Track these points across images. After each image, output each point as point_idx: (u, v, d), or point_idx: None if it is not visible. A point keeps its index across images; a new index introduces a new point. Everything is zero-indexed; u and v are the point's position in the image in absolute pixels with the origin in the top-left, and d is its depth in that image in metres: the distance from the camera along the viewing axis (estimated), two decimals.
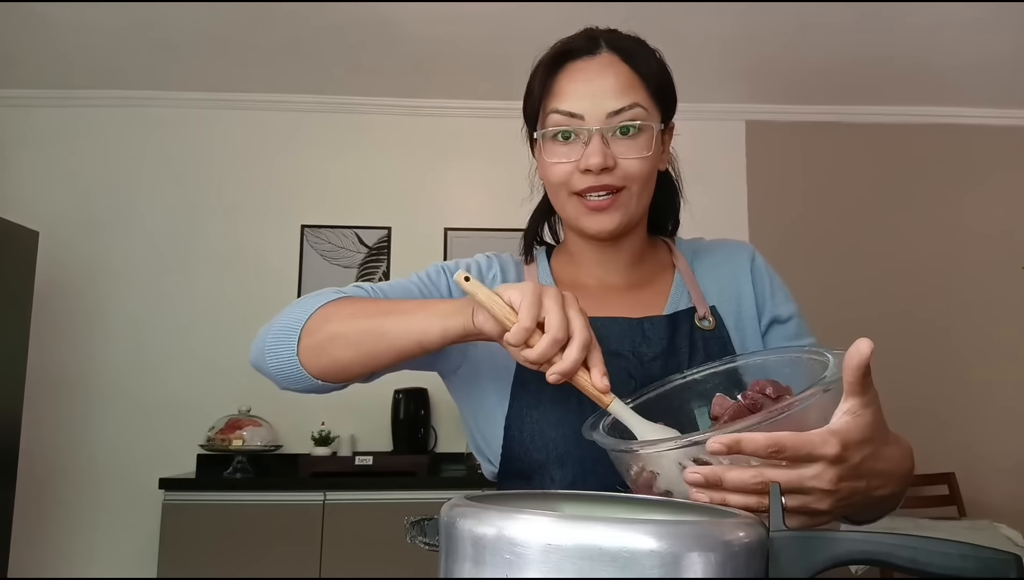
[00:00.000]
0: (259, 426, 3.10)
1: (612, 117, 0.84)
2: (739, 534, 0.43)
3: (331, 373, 0.81)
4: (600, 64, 0.86)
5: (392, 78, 3.39)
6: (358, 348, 0.79)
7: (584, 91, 0.85)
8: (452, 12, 2.81)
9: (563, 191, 0.88)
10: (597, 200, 0.86)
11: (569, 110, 0.85)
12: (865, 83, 3.42)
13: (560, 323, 0.67)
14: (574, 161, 0.85)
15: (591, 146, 0.84)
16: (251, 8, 2.78)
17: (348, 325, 0.79)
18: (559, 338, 0.67)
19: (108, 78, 3.37)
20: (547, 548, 0.40)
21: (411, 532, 0.58)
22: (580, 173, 0.85)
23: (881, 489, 0.63)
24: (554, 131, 0.86)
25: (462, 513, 0.45)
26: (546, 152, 0.88)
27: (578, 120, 0.85)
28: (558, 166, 0.87)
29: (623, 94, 0.85)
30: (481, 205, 3.49)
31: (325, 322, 0.81)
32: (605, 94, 0.85)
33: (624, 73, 0.86)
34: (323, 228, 3.53)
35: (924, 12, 2.81)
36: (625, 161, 0.85)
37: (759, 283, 0.96)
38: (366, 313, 0.80)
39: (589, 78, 0.86)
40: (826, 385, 0.61)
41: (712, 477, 0.57)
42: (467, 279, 0.71)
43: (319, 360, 0.81)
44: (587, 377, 0.70)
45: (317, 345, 0.80)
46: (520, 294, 0.69)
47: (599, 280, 0.96)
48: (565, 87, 0.86)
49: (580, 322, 0.68)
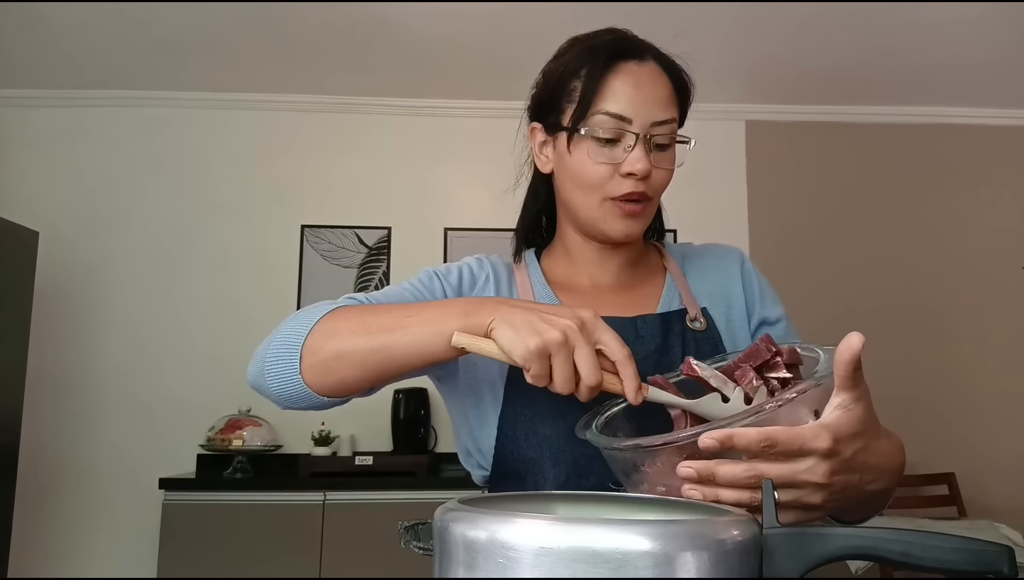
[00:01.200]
0: (259, 426, 3.11)
1: (656, 127, 0.85)
2: (732, 532, 0.43)
3: (338, 391, 0.79)
4: (651, 72, 0.86)
5: (392, 78, 3.39)
6: (365, 367, 0.76)
7: (635, 96, 0.84)
8: (453, 12, 2.81)
9: (597, 193, 0.87)
10: (632, 206, 0.86)
11: (620, 113, 0.84)
12: (865, 83, 3.42)
13: (566, 379, 0.68)
14: (615, 163, 0.85)
15: (636, 151, 0.83)
16: (251, 8, 2.79)
17: (352, 343, 0.76)
18: (566, 392, 0.69)
19: (108, 78, 3.38)
20: (539, 551, 0.40)
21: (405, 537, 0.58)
22: (620, 177, 0.85)
23: (873, 483, 0.63)
24: (600, 131, 0.85)
25: (455, 517, 0.45)
26: (587, 151, 0.86)
27: (625, 123, 0.84)
28: (599, 167, 0.85)
29: (668, 107, 0.86)
30: (481, 205, 3.49)
31: (327, 339, 0.77)
32: (655, 103, 0.85)
33: (668, 86, 0.87)
34: (323, 228, 3.53)
35: (924, 12, 2.81)
36: (658, 171, 0.86)
37: (748, 286, 0.97)
38: (369, 329, 0.76)
39: (640, 84, 0.85)
40: (817, 380, 0.61)
41: (704, 472, 0.57)
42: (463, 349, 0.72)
43: (325, 380, 0.77)
44: (620, 386, 0.70)
45: (322, 364, 0.77)
46: (525, 359, 0.67)
47: (593, 280, 0.96)
48: (617, 88, 0.85)
49: (587, 368, 0.67)
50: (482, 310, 0.71)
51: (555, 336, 0.67)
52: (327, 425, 3.23)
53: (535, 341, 0.66)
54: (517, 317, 0.69)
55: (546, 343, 0.67)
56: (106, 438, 3.30)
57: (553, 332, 0.67)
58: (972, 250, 3.63)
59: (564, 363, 0.67)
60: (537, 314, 0.69)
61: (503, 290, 0.96)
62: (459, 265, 0.98)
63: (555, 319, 0.68)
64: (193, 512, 2.80)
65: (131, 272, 3.42)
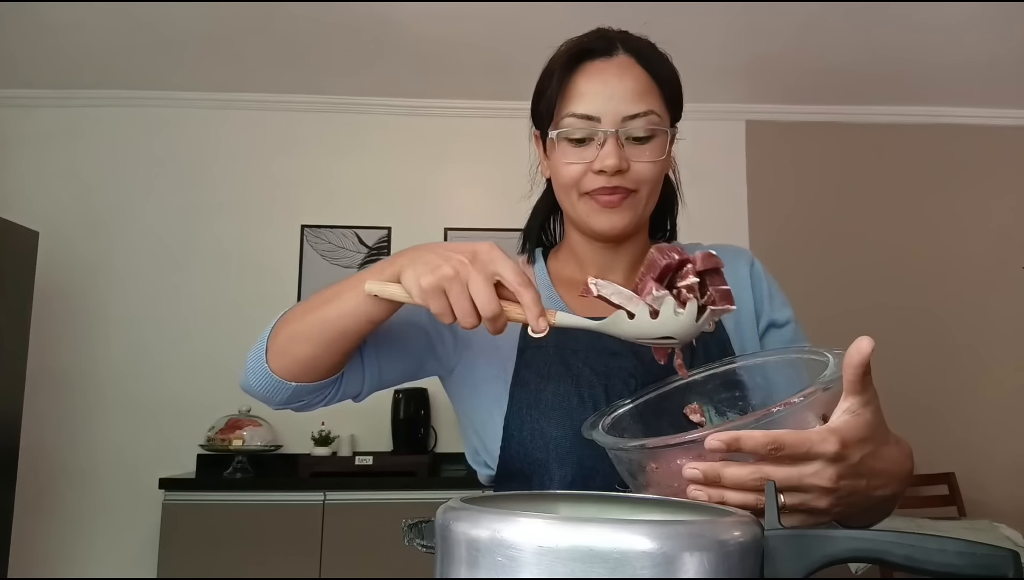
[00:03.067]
0: (259, 426, 3.11)
1: (628, 121, 0.84)
2: (734, 533, 0.43)
3: (299, 372, 0.82)
4: (618, 66, 0.86)
5: (392, 78, 3.39)
6: (312, 340, 0.80)
7: (601, 93, 0.85)
8: (452, 12, 2.81)
9: (574, 192, 0.88)
10: (608, 197, 0.86)
11: (586, 113, 0.85)
12: (865, 83, 3.42)
13: (466, 312, 0.68)
14: (587, 162, 0.85)
15: (606, 148, 0.84)
16: (251, 8, 2.79)
17: (299, 321, 0.81)
18: (472, 325, 0.69)
19: (108, 78, 3.37)
20: (540, 550, 0.40)
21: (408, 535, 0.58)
22: (593, 174, 0.85)
23: (881, 489, 0.63)
24: (570, 133, 0.86)
25: (456, 516, 0.45)
26: (560, 152, 0.87)
27: (594, 122, 0.85)
28: (571, 167, 0.86)
29: (640, 99, 0.85)
30: (481, 205, 3.49)
31: (283, 325, 0.83)
32: (623, 97, 0.84)
33: (641, 77, 0.86)
34: (323, 228, 3.53)
35: (924, 12, 2.80)
36: (638, 165, 0.85)
37: (757, 288, 0.97)
38: (311, 306, 0.81)
39: (606, 80, 0.85)
40: (826, 383, 0.60)
41: (710, 473, 0.57)
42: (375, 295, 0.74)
43: (283, 361, 0.82)
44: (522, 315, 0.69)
45: (280, 348, 0.82)
46: (421, 295, 0.69)
47: None
48: (582, 88, 0.86)
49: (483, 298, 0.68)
50: (397, 259, 0.73)
51: (447, 271, 0.68)
52: (327, 425, 3.23)
53: (428, 278, 0.68)
54: (419, 257, 0.71)
55: (439, 279, 0.68)
56: (106, 438, 3.30)
57: (445, 267, 0.68)
58: (972, 250, 3.63)
59: (459, 296, 0.68)
60: (435, 253, 0.70)
61: None
62: None
63: (450, 255, 0.69)
64: (193, 512, 2.80)
65: (131, 272, 3.42)
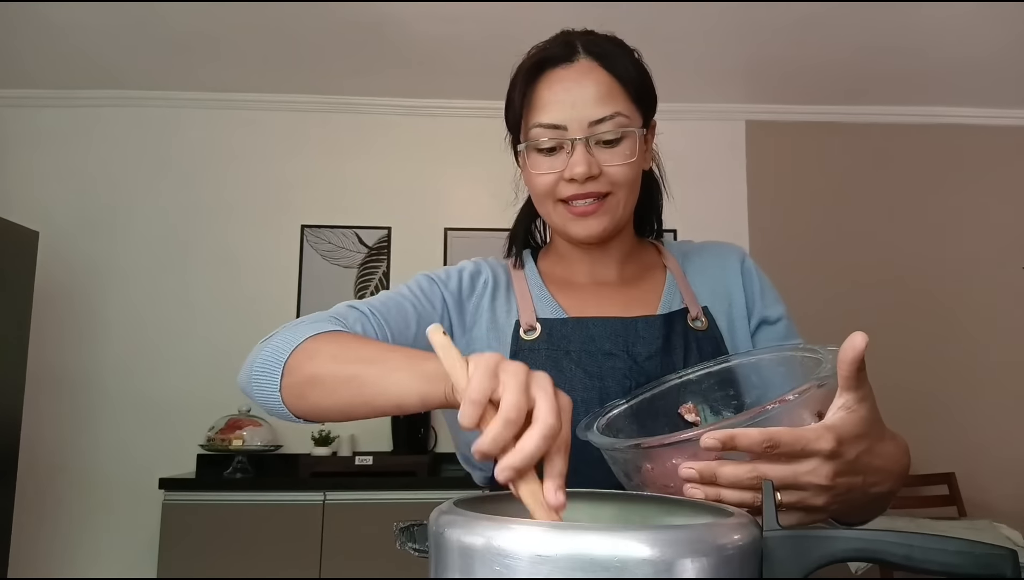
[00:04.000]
0: (259, 426, 3.10)
1: (594, 126, 0.84)
2: (733, 537, 0.43)
3: (311, 417, 0.77)
4: (579, 72, 0.86)
5: (392, 78, 3.39)
6: (334, 398, 0.72)
7: (564, 101, 0.84)
8: (452, 12, 2.81)
9: (548, 200, 0.88)
10: (583, 206, 0.86)
11: (552, 122, 0.85)
12: (865, 83, 3.42)
13: (516, 403, 0.51)
14: (558, 171, 0.85)
15: (575, 156, 0.84)
16: (251, 8, 2.78)
17: (327, 369, 0.73)
18: (511, 419, 0.51)
19: (109, 78, 3.37)
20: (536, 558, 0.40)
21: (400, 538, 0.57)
22: (565, 181, 0.85)
23: (877, 486, 0.63)
24: (538, 144, 0.86)
25: (450, 522, 0.44)
26: (530, 163, 0.87)
27: (561, 131, 0.84)
28: (543, 177, 0.87)
29: (604, 103, 0.84)
30: (481, 205, 3.49)
31: (307, 360, 0.75)
32: (586, 103, 0.84)
33: (604, 80, 0.86)
34: (323, 228, 3.53)
35: (924, 12, 2.80)
36: (610, 168, 0.85)
37: (749, 284, 0.96)
38: (347, 358, 0.72)
39: (568, 88, 0.85)
40: (821, 381, 0.60)
41: (706, 472, 0.57)
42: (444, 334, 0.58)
43: (299, 402, 0.76)
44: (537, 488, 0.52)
45: (297, 386, 0.75)
46: (475, 367, 0.54)
47: (591, 277, 0.96)
48: (545, 98, 0.86)
49: (547, 406, 0.52)
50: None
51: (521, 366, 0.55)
52: (327, 425, 3.23)
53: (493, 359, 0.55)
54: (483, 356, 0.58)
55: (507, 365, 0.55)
56: (106, 438, 3.29)
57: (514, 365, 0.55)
58: (972, 250, 3.63)
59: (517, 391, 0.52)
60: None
61: (501, 293, 0.95)
62: (457, 269, 0.97)
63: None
64: (193, 512, 2.80)
65: (131, 272, 3.42)
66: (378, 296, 0.91)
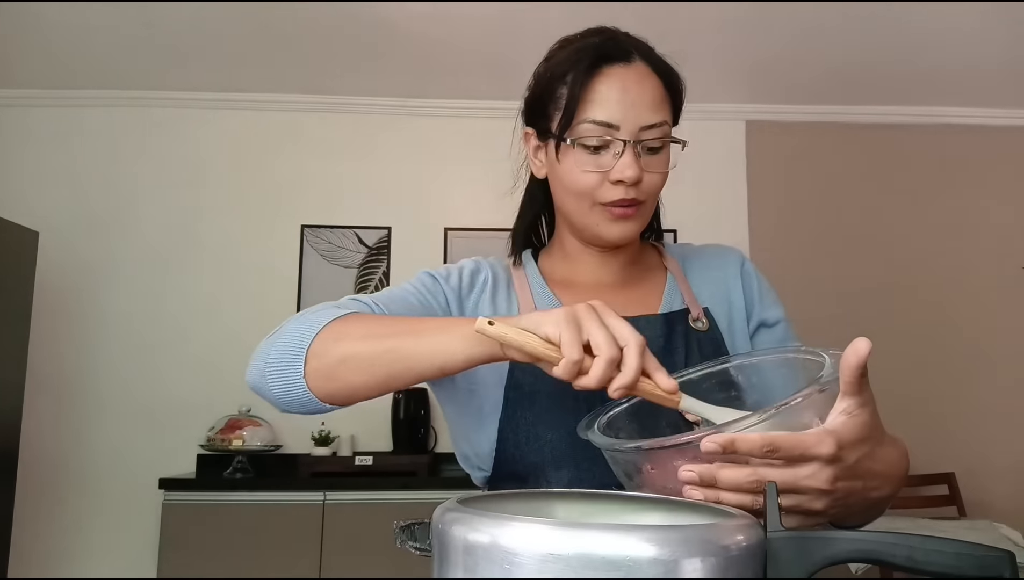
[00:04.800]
0: (259, 426, 3.11)
1: (644, 131, 0.83)
2: (737, 537, 0.43)
3: (341, 397, 0.77)
4: (637, 74, 0.84)
5: (392, 78, 3.39)
6: (373, 372, 0.74)
7: (622, 101, 0.83)
8: (452, 12, 2.81)
9: (587, 200, 0.86)
10: (623, 209, 0.85)
11: (606, 120, 0.82)
12: (865, 83, 3.42)
13: (609, 342, 0.64)
14: (604, 171, 0.84)
15: (625, 158, 0.82)
16: (251, 8, 2.78)
17: (362, 346, 0.74)
18: (614, 357, 0.64)
19: (108, 78, 3.37)
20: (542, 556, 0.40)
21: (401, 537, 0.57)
22: (610, 184, 0.84)
23: (877, 490, 0.63)
24: (588, 140, 0.83)
25: (454, 519, 0.44)
26: (575, 160, 0.85)
27: (612, 130, 0.83)
28: (588, 175, 0.84)
29: (657, 109, 0.84)
30: (481, 205, 3.48)
31: (335, 343, 0.75)
32: (643, 106, 0.83)
33: (658, 88, 0.85)
34: (323, 228, 3.53)
35: (924, 12, 2.80)
36: (650, 175, 0.84)
37: (748, 287, 0.96)
38: (380, 333, 0.75)
39: (627, 87, 0.83)
40: (822, 385, 0.60)
41: (706, 475, 0.57)
42: (491, 323, 0.67)
43: (329, 384, 0.75)
44: (651, 383, 0.66)
45: (327, 368, 0.75)
46: (556, 327, 0.64)
47: (594, 278, 0.96)
48: (603, 94, 0.83)
49: (626, 330, 0.65)
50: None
51: (581, 306, 0.67)
52: (327, 425, 3.23)
53: (562, 312, 0.66)
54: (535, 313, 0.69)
55: (575, 310, 0.66)
56: (106, 438, 3.30)
57: (578, 305, 0.67)
58: (972, 250, 3.63)
59: (600, 327, 0.65)
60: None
61: (501, 291, 0.95)
62: (458, 267, 0.97)
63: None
64: (193, 512, 2.80)
65: (131, 272, 3.42)
66: (381, 291, 0.91)
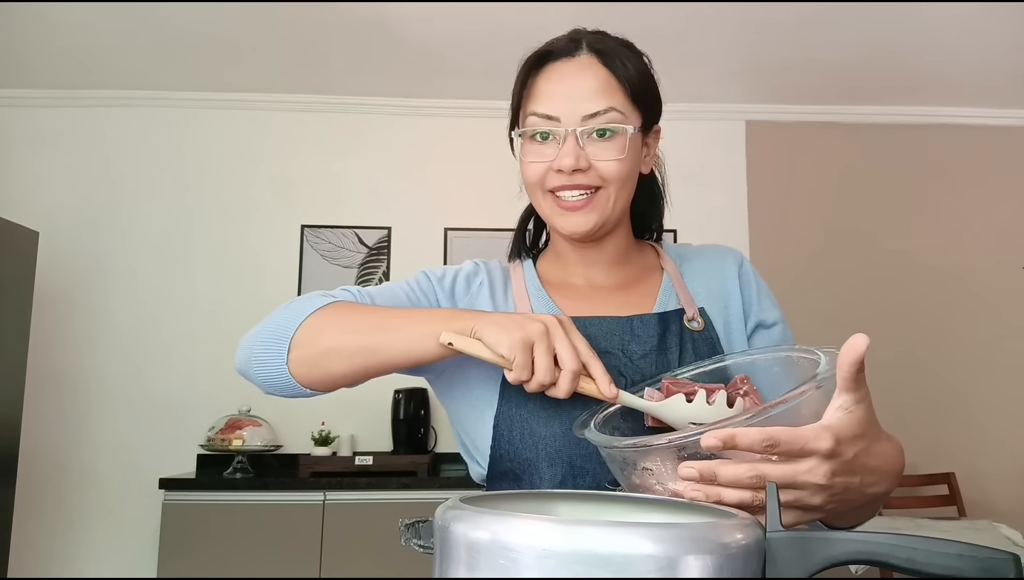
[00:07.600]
0: (259, 426, 3.10)
1: (588, 120, 0.85)
2: (736, 536, 0.43)
3: (321, 385, 0.84)
4: (578, 66, 0.87)
5: (392, 78, 3.39)
6: (351, 362, 0.81)
7: (560, 93, 0.86)
8: (452, 12, 2.81)
9: (538, 190, 0.90)
10: (571, 200, 0.87)
11: (546, 112, 0.86)
12: (865, 83, 3.42)
13: (547, 368, 0.73)
14: (548, 161, 0.87)
15: (564, 147, 0.85)
16: (252, 8, 2.78)
17: (341, 339, 0.81)
18: (546, 382, 0.73)
19: (108, 78, 3.37)
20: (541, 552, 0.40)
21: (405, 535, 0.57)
22: (554, 172, 0.87)
23: (874, 486, 0.63)
24: (532, 131, 0.88)
25: (456, 516, 0.45)
26: (524, 151, 0.89)
27: (554, 122, 0.86)
28: (533, 165, 0.88)
29: (599, 97, 0.86)
30: (481, 205, 3.49)
31: (317, 334, 0.83)
32: (581, 96, 0.85)
33: (601, 76, 0.87)
34: (323, 228, 3.53)
35: (925, 12, 2.80)
36: (600, 163, 0.86)
37: (746, 288, 0.97)
38: (359, 328, 0.82)
39: (565, 80, 0.87)
40: (819, 382, 0.61)
41: (706, 472, 0.57)
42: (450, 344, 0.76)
43: (311, 372, 0.83)
44: (593, 386, 0.74)
45: (309, 358, 0.82)
46: (510, 350, 0.72)
47: (587, 280, 0.97)
48: (543, 89, 0.88)
49: (567, 356, 0.73)
50: (464, 316, 0.78)
51: (537, 327, 0.73)
52: (327, 425, 3.23)
53: (519, 333, 0.73)
54: (499, 318, 0.76)
55: (529, 334, 0.73)
56: (106, 438, 3.30)
57: (536, 324, 0.74)
58: (972, 250, 3.63)
59: (544, 354, 0.73)
60: (512, 318, 0.76)
61: (498, 294, 0.96)
62: (455, 269, 0.99)
63: (535, 317, 0.76)
64: (193, 512, 2.80)
65: (131, 272, 3.42)
66: (376, 287, 0.95)
